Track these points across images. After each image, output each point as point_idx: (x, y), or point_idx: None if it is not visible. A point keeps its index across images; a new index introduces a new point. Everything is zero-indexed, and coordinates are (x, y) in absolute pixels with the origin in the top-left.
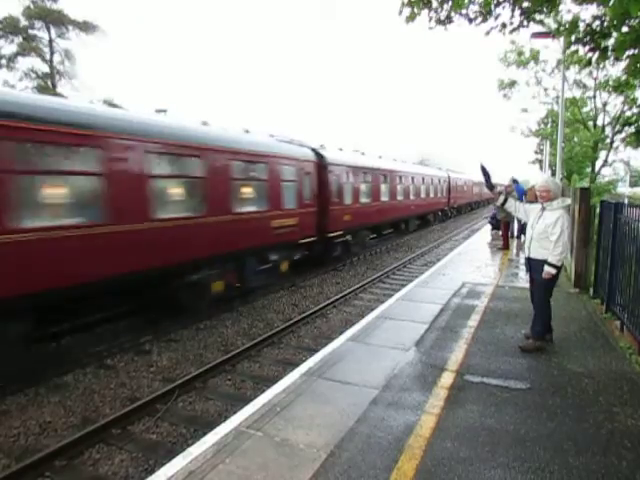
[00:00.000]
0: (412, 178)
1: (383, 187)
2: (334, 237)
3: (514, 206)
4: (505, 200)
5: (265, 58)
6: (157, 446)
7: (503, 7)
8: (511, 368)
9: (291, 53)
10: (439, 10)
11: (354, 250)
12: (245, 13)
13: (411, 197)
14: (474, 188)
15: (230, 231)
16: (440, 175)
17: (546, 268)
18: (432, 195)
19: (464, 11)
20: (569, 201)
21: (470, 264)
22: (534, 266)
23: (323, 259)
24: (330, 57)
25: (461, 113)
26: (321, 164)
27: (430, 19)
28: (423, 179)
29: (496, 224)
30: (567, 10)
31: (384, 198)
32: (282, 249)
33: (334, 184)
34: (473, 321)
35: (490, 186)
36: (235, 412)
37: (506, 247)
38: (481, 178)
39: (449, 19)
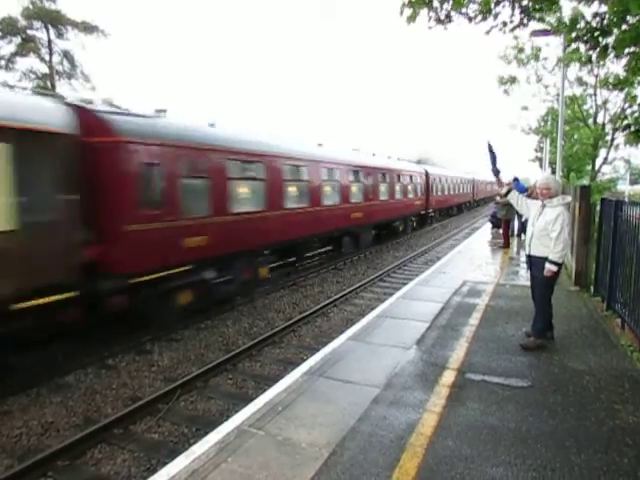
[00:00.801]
0: (458, 180)
1: (446, 186)
2: (428, 213)
3: (516, 198)
4: (509, 191)
5: (265, 57)
6: (159, 446)
7: (503, 6)
8: (512, 366)
9: (291, 53)
10: (439, 9)
11: (432, 221)
12: (245, 13)
13: (456, 192)
14: (488, 187)
15: (404, 206)
16: (469, 177)
17: (547, 266)
18: (465, 191)
19: (464, 10)
20: (569, 198)
21: (471, 262)
22: (535, 263)
23: (424, 223)
24: (330, 57)
25: (461, 112)
26: (427, 174)
27: (429, 18)
28: (462, 180)
29: (496, 222)
30: (571, 7)
31: (446, 192)
32: (415, 216)
33: (431, 184)
34: (474, 319)
35: (495, 170)
36: (237, 411)
37: (507, 245)
38: (493, 179)
39: (449, 18)
